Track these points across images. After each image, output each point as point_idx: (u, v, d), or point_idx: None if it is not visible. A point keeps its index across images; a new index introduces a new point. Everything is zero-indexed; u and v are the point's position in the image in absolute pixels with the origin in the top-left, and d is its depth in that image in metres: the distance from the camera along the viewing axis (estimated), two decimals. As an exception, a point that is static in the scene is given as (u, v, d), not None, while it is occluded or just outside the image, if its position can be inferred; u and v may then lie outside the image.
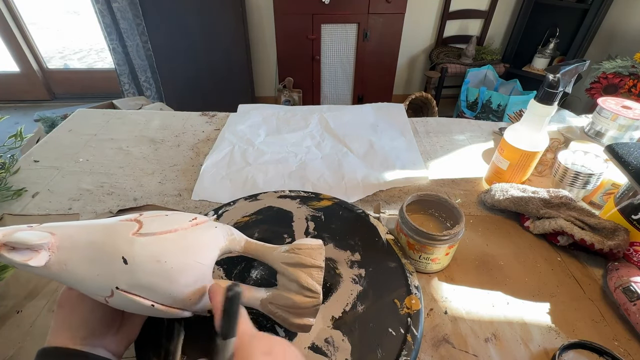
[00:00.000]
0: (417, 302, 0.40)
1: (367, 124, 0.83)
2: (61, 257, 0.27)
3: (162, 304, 0.30)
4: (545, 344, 0.40)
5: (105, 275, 0.28)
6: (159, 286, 0.29)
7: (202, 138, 0.78)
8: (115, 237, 0.29)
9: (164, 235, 0.30)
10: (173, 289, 0.30)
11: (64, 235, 0.28)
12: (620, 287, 0.43)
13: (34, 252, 0.26)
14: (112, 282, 0.28)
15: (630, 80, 1.50)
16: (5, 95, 2.40)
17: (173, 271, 0.29)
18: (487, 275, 0.49)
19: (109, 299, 0.28)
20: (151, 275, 0.29)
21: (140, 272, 0.28)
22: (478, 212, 0.59)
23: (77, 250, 0.28)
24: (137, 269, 0.28)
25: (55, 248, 0.27)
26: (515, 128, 0.58)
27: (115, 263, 0.28)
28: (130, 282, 0.28)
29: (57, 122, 1.51)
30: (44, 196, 0.61)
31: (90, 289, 0.28)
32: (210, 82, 2.18)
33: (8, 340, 0.40)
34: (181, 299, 0.30)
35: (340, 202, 0.54)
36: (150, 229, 0.30)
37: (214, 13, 1.95)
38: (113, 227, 0.30)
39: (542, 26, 2.11)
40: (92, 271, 0.28)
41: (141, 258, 0.28)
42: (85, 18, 2.96)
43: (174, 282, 0.29)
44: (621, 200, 0.51)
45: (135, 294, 0.28)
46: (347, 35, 2.00)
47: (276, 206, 0.53)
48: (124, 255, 0.28)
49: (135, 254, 0.28)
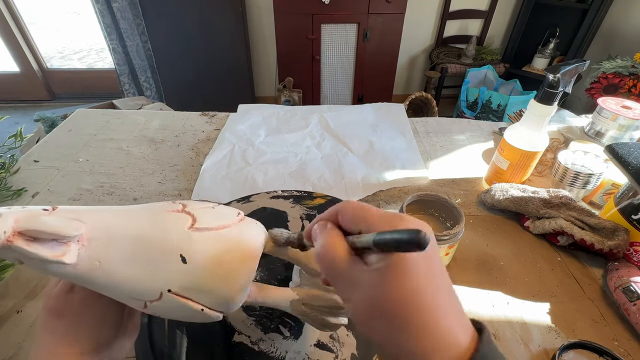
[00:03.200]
0: None
1: (367, 124, 0.83)
2: (93, 253, 0.22)
3: (211, 308, 0.26)
4: (545, 344, 0.40)
5: (156, 275, 0.24)
6: (217, 288, 0.26)
7: (202, 138, 0.78)
8: (169, 231, 0.25)
9: (221, 230, 0.27)
10: (228, 291, 0.26)
11: (97, 224, 0.23)
12: (620, 287, 0.43)
13: (62, 244, 0.20)
14: (164, 284, 0.24)
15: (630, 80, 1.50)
16: (5, 95, 2.40)
17: (234, 271, 0.26)
18: (487, 275, 0.49)
19: (152, 304, 0.24)
20: (211, 276, 0.25)
21: (201, 273, 0.25)
22: (478, 212, 0.59)
23: (117, 244, 0.23)
24: (197, 268, 0.24)
25: (86, 240, 0.22)
26: (515, 128, 0.58)
27: (171, 262, 0.24)
28: (187, 284, 0.24)
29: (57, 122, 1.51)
30: (43, 196, 0.61)
31: (131, 292, 0.24)
32: (210, 82, 2.18)
33: (8, 340, 0.40)
34: (229, 301, 0.27)
35: (334, 199, 0.54)
36: (206, 224, 0.26)
37: (214, 13, 1.95)
38: (162, 218, 0.26)
39: (542, 26, 2.10)
40: (138, 270, 0.23)
41: (202, 256, 0.25)
42: (85, 18, 2.96)
43: (232, 283, 0.26)
44: (621, 200, 0.51)
45: (188, 298, 0.25)
46: (347, 35, 2.00)
47: (270, 207, 0.53)
48: (182, 252, 0.24)
49: (197, 251, 0.25)
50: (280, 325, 0.38)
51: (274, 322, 0.38)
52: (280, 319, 0.39)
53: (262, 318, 0.39)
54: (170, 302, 0.24)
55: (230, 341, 0.37)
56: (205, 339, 0.37)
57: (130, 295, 0.24)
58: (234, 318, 0.39)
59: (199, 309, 0.25)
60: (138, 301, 0.24)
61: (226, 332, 0.37)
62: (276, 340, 0.37)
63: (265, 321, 0.38)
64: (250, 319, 0.39)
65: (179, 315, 0.26)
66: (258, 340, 0.37)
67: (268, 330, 0.38)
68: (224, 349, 0.36)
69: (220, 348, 0.36)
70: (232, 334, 0.37)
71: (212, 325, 0.38)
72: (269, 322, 0.38)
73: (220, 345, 0.36)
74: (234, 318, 0.39)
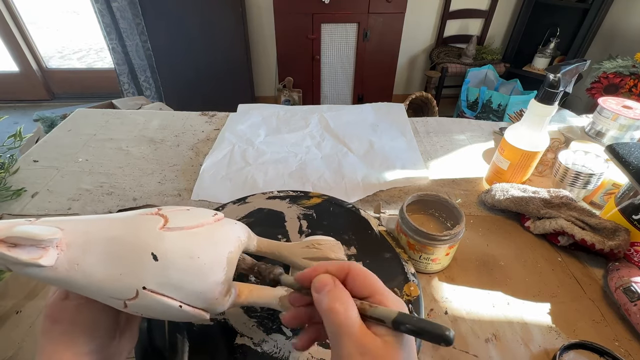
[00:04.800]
0: (416, 289, 0.42)
1: (367, 124, 0.83)
2: (72, 256, 0.24)
3: (189, 305, 0.27)
4: (546, 344, 0.40)
5: (130, 274, 0.25)
6: (191, 284, 0.27)
7: (201, 138, 0.78)
8: (141, 232, 0.26)
9: (193, 229, 0.28)
10: (204, 286, 0.27)
11: (75, 230, 0.25)
12: (620, 287, 0.43)
13: (40, 249, 0.22)
14: (138, 282, 0.25)
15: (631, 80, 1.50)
16: (5, 95, 2.40)
17: (206, 267, 0.27)
18: (487, 275, 0.48)
19: (130, 302, 0.25)
20: (183, 272, 0.26)
21: (172, 269, 0.26)
22: (478, 212, 0.59)
23: (93, 247, 0.25)
24: (168, 265, 0.26)
25: (64, 245, 0.24)
26: (516, 128, 0.58)
27: (144, 260, 0.25)
28: (160, 280, 0.26)
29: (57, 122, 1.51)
30: (43, 196, 0.61)
31: (109, 291, 0.25)
32: (210, 82, 2.18)
33: (8, 340, 0.40)
34: (209, 298, 0.28)
35: (330, 198, 0.54)
36: (178, 224, 0.28)
37: (214, 13, 1.95)
38: (135, 221, 0.27)
39: (543, 26, 2.10)
40: (114, 270, 0.25)
41: (173, 254, 0.26)
42: (84, 18, 2.96)
43: (205, 279, 0.27)
44: (622, 200, 0.51)
45: (163, 294, 0.26)
46: (347, 35, 2.00)
47: (266, 208, 0.53)
48: (153, 251, 0.25)
49: (167, 250, 0.26)
50: (282, 326, 0.38)
51: (275, 323, 0.38)
52: None
53: (263, 319, 0.39)
54: (147, 299, 0.25)
55: (232, 344, 0.37)
56: (207, 342, 0.37)
57: (109, 294, 0.25)
58: (235, 320, 0.39)
59: (176, 305, 0.26)
60: (118, 300, 0.26)
61: (228, 335, 0.37)
62: (279, 341, 0.37)
63: (267, 322, 0.38)
64: (252, 321, 0.39)
65: (159, 313, 0.27)
66: (260, 341, 0.37)
67: (270, 331, 0.38)
68: (227, 351, 0.36)
69: (223, 351, 0.36)
70: (234, 337, 0.37)
71: (214, 329, 0.38)
72: (271, 322, 0.38)
73: (223, 348, 0.36)
74: (235, 320, 0.39)
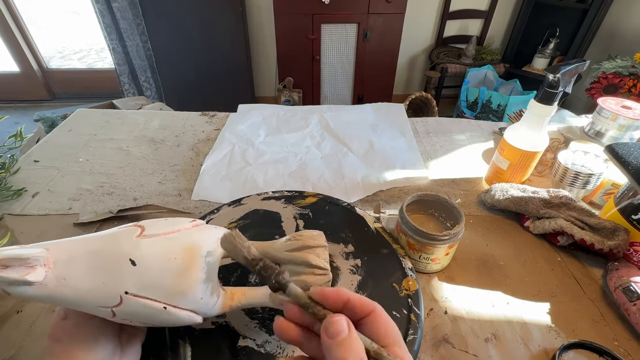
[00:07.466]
0: (414, 283, 0.42)
1: (367, 124, 0.83)
2: (59, 272, 0.26)
3: (174, 306, 0.28)
4: (545, 344, 0.40)
5: (112, 281, 0.27)
6: (170, 283, 0.28)
7: (202, 138, 0.78)
8: (119, 242, 0.28)
9: (169, 234, 0.30)
10: (184, 285, 0.29)
11: (60, 249, 0.27)
12: (620, 287, 0.43)
13: (29, 268, 0.25)
14: (120, 287, 0.27)
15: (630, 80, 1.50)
16: (5, 95, 2.40)
17: (183, 266, 0.28)
18: (487, 275, 0.49)
19: (116, 309, 0.27)
20: (162, 272, 0.28)
21: (150, 271, 0.27)
22: (478, 212, 0.59)
23: (77, 261, 0.27)
24: (146, 268, 0.27)
25: (51, 263, 0.26)
26: (515, 128, 0.58)
27: (123, 267, 0.27)
28: (140, 283, 0.27)
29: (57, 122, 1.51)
30: (44, 196, 0.61)
31: (95, 300, 0.27)
32: (210, 82, 2.18)
33: (8, 340, 0.40)
34: (193, 297, 0.29)
35: (325, 197, 0.54)
36: (154, 231, 0.30)
37: (214, 13, 1.95)
38: (114, 234, 0.29)
39: (542, 26, 2.11)
40: (97, 280, 0.26)
41: (149, 257, 0.28)
42: (85, 18, 2.96)
43: (184, 278, 0.29)
44: (621, 200, 0.51)
45: (146, 297, 0.27)
46: (347, 35, 2.00)
47: (262, 209, 0.53)
48: (131, 257, 0.27)
49: (143, 254, 0.27)
50: None
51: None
52: None
53: (265, 320, 0.39)
54: (131, 303, 0.27)
55: (235, 346, 0.37)
56: (210, 346, 0.37)
57: (96, 304, 0.27)
58: (237, 323, 0.39)
59: (161, 307, 0.28)
60: (105, 309, 0.27)
61: (230, 337, 0.37)
62: (281, 341, 0.37)
63: (269, 323, 0.38)
64: (254, 322, 0.39)
65: (148, 317, 0.28)
66: (264, 342, 0.37)
67: (272, 332, 0.38)
68: (230, 354, 0.36)
69: (226, 354, 0.36)
70: (236, 339, 0.37)
71: (216, 332, 0.38)
72: (273, 323, 0.38)
73: (226, 351, 0.36)
74: (237, 323, 0.39)
